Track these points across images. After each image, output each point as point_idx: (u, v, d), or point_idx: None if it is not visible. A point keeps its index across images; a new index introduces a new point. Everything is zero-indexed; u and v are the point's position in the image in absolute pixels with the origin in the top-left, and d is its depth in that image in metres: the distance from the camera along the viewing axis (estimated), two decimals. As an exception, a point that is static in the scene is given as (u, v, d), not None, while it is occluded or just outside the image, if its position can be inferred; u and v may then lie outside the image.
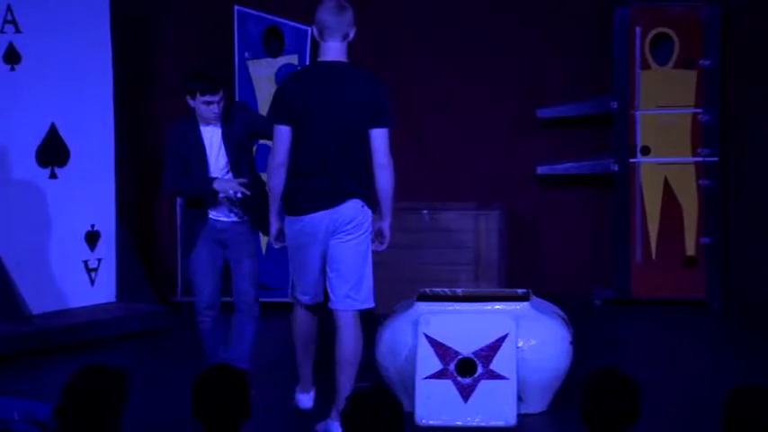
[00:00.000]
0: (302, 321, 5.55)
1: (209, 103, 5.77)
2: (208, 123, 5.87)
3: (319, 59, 5.36)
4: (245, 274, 5.92)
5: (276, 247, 5.54)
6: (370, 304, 5.40)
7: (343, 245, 5.30)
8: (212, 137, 5.91)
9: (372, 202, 5.36)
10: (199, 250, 5.92)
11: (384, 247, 5.39)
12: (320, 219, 5.28)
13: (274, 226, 5.46)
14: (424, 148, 8.61)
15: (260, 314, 6.01)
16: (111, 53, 7.79)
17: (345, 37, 5.30)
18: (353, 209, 5.28)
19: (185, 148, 5.89)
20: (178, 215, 8.47)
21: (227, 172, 5.88)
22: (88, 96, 7.70)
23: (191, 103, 5.85)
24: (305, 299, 5.49)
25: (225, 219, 5.90)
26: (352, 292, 5.32)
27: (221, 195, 5.80)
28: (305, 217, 5.29)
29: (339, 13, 5.27)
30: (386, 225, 5.35)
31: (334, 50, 5.29)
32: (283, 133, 5.30)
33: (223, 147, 5.88)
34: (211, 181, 5.80)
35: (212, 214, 5.91)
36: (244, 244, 5.91)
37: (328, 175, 5.26)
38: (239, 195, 5.76)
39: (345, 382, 5.32)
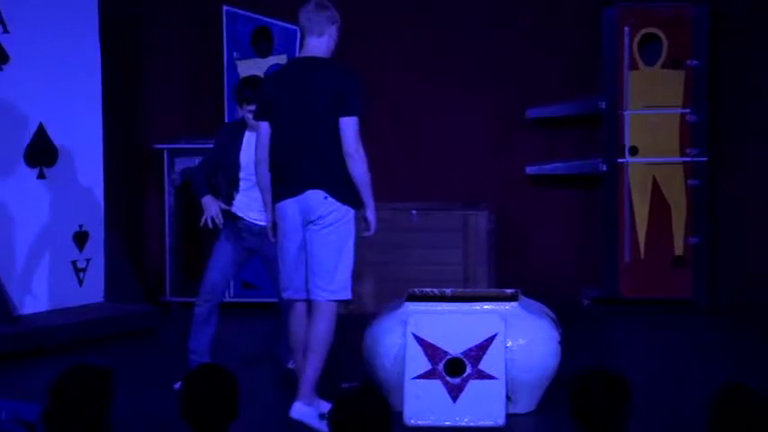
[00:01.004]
0: (291, 322, 5.54)
1: (252, 111, 6.00)
2: (255, 130, 6.02)
3: (297, 56, 5.49)
4: None
5: (272, 240, 5.60)
6: (346, 296, 5.42)
7: (313, 236, 5.36)
8: (254, 142, 6.12)
9: (348, 193, 5.36)
10: (224, 242, 6.23)
11: (371, 232, 5.40)
12: (288, 205, 5.37)
13: (267, 219, 5.59)
14: (412, 148, 8.62)
15: None
16: (99, 53, 7.77)
17: (322, 34, 5.43)
18: (316, 200, 5.33)
19: (223, 149, 6.26)
20: (167, 216, 8.47)
21: None
22: (76, 96, 7.69)
23: (239, 110, 6.23)
24: (285, 294, 5.51)
25: (265, 223, 5.98)
26: (322, 283, 5.35)
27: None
28: (277, 204, 5.43)
29: (316, 12, 5.44)
30: (368, 214, 5.37)
31: (310, 46, 5.45)
32: (263, 129, 5.47)
33: None
34: (203, 195, 6.21)
35: (251, 217, 6.16)
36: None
37: (294, 166, 5.36)
38: (209, 224, 6.13)
39: (309, 368, 5.36)
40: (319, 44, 5.42)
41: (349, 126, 5.28)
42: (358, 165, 5.28)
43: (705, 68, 8.15)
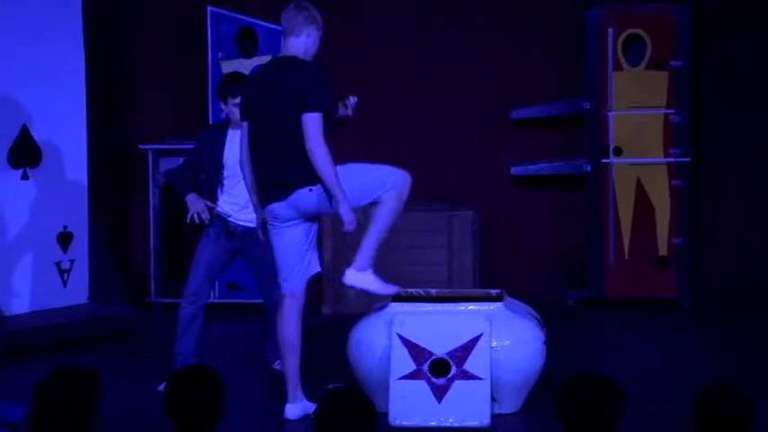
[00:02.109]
0: (279, 321, 5.57)
1: (238, 105, 6.01)
2: (239, 127, 6.06)
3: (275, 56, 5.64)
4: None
5: (262, 239, 5.63)
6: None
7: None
8: (238, 141, 6.12)
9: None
10: (207, 243, 6.21)
11: (350, 227, 5.41)
12: (279, 207, 5.44)
13: (256, 219, 5.65)
14: (397, 149, 8.61)
15: None
16: (83, 53, 7.76)
17: (300, 34, 5.50)
18: (304, 197, 5.41)
19: (205, 149, 6.25)
20: (151, 217, 8.45)
21: None
22: (60, 97, 7.67)
23: (223, 108, 6.23)
24: (283, 286, 5.59)
25: (250, 223, 6.06)
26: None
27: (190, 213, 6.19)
28: (267, 207, 5.50)
29: (295, 12, 5.52)
30: (340, 209, 5.37)
31: (288, 46, 5.54)
32: (244, 130, 5.57)
33: None
34: (188, 193, 6.20)
35: (236, 218, 6.16)
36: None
37: (274, 167, 5.43)
38: (196, 219, 6.15)
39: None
40: (296, 44, 5.51)
41: (307, 122, 5.34)
42: (317, 160, 5.32)
43: (688, 69, 8.18)
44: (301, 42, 5.50)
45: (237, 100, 5.97)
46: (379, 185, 5.53)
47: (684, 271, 8.21)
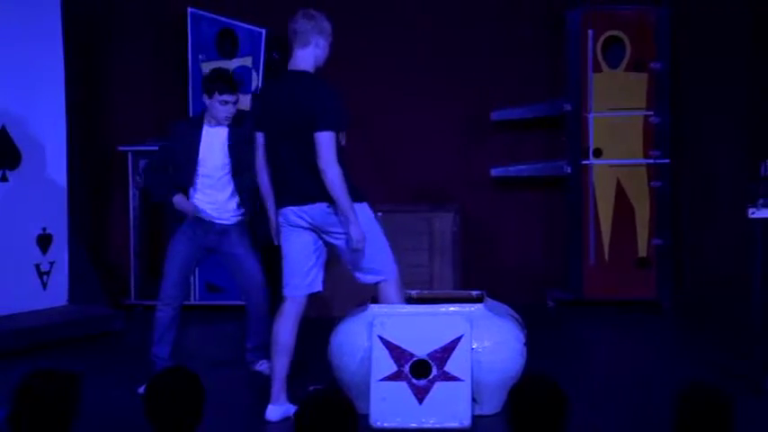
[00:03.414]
0: (277, 320, 5.60)
1: (225, 102, 6.05)
2: (218, 124, 6.09)
3: (288, 68, 5.54)
4: (257, 263, 6.26)
5: (276, 243, 5.66)
6: (392, 275, 5.64)
7: (338, 244, 5.51)
8: (215, 138, 6.15)
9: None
10: (180, 242, 6.12)
11: (359, 245, 5.45)
12: (291, 212, 5.46)
13: (271, 222, 5.64)
14: (377, 151, 8.63)
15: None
16: (62, 54, 7.73)
17: (307, 44, 5.47)
18: (320, 212, 5.44)
19: (180, 147, 6.13)
20: (131, 218, 8.43)
21: (227, 173, 6.14)
22: (40, 98, 7.64)
23: (206, 102, 6.11)
24: (285, 290, 5.61)
25: (226, 221, 6.08)
26: (368, 271, 5.64)
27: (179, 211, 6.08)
28: (281, 210, 5.52)
29: (301, 21, 5.48)
30: (349, 228, 5.41)
31: (297, 58, 5.50)
32: (258, 140, 5.56)
33: (227, 148, 6.12)
34: (174, 194, 6.05)
35: (211, 216, 6.15)
36: (244, 238, 6.24)
37: (290, 178, 5.45)
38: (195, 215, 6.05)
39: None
40: (304, 55, 5.47)
41: (320, 141, 5.34)
42: (329, 179, 5.34)
43: (668, 71, 8.21)
44: (309, 53, 5.48)
45: (224, 97, 6.00)
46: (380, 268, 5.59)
47: (664, 272, 8.24)
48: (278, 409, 5.54)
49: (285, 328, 5.54)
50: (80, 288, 7.77)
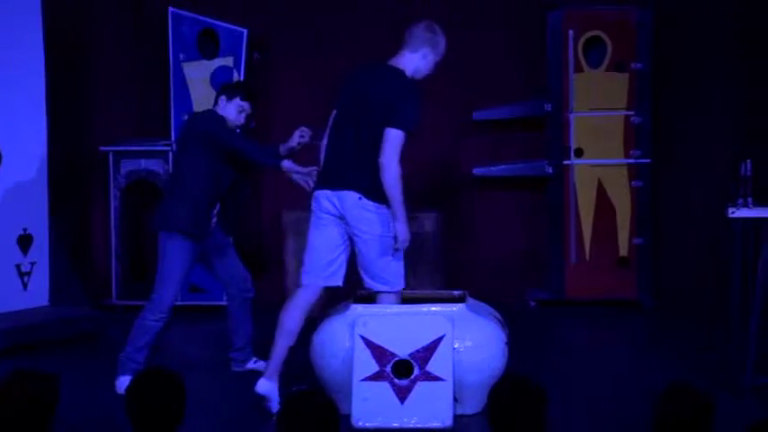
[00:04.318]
0: (290, 304, 5.63)
1: (242, 110, 6.16)
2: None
3: (388, 61, 5.64)
4: (237, 255, 6.36)
5: (309, 186, 5.69)
6: (399, 286, 5.64)
7: (358, 241, 5.52)
8: None
9: (381, 194, 5.45)
10: (186, 257, 6.09)
11: (400, 245, 5.47)
12: (323, 195, 5.51)
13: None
14: (360, 151, 8.62)
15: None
16: (43, 53, 7.69)
17: (416, 50, 5.60)
18: (351, 201, 5.46)
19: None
20: (112, 219, 8.41)
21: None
22: (20, 98, 7.60)
23: (222, 102, 6.16)
24: (303, 277, 5.64)
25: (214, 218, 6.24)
26: (378, 279, 5.63)
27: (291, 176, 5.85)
28: (316, 191, 5.57)
29: (421, 29, 5.66)
30: (397, 225, 5.45)
31: (403, 57, 5.61)
32: (333, 115, 5.60)
33: None
34: (281, 158, 5.94)
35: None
36: (221, 232, 6.33)
37: (338, 160, 5.48)
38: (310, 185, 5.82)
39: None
40: (410, 59, 5.58)
41: (389, 137, 5.39)
42: (387, 176, 5.39)
43: (649, 71, 8.24)
44: (415, 59, 5.57)
45: (244, 104, 6.12)
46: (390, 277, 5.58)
47: (645, 271, 8.27)
48: (268, 385, 5.57)
49: (292, 315, 5.57)
50: (61, 289, 7.74)
